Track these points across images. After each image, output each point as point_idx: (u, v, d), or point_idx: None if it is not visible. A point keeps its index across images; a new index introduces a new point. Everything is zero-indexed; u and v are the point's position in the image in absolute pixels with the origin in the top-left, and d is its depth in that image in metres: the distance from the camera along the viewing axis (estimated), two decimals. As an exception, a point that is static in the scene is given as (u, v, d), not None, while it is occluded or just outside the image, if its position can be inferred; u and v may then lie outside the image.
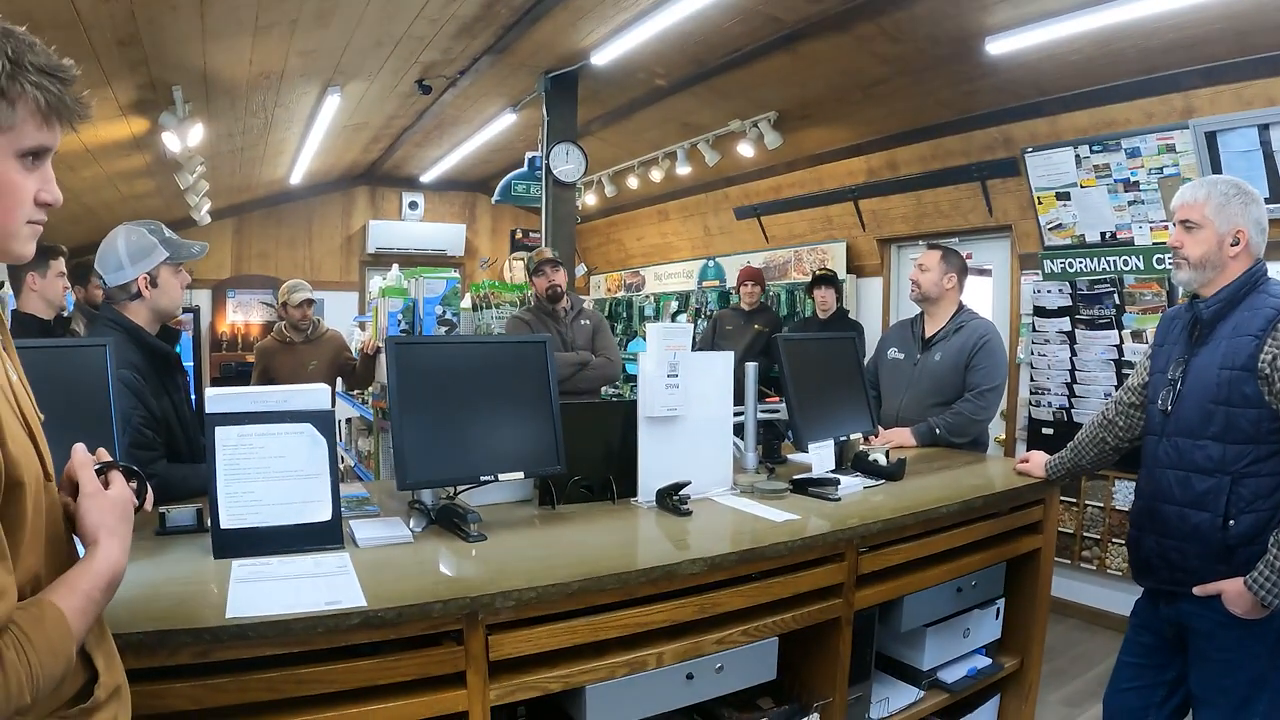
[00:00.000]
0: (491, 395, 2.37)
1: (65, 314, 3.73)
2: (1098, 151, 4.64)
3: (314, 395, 2.19)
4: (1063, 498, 5.00)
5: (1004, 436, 5.54)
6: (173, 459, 2.57)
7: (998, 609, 3.01)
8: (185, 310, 9.22)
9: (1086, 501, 4.92)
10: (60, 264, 3.62)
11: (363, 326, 6.98)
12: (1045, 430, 5.08)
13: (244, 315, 9.42)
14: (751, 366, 3.04)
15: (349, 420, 6.79)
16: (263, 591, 1.75)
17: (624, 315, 10.12)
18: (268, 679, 1.63)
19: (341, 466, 6.97)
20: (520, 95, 6.41)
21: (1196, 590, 2.30)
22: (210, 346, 9.38)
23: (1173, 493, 2.38)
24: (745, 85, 5.77)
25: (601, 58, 5.28)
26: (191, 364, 9.21)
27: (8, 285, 4.04)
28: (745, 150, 6.59)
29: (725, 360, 2.85)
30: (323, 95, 5.77)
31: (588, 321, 4.78)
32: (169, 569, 1.90)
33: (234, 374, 8.82)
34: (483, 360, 2.44)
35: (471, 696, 1.78)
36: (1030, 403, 5.23)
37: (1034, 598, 3.06)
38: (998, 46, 4.32)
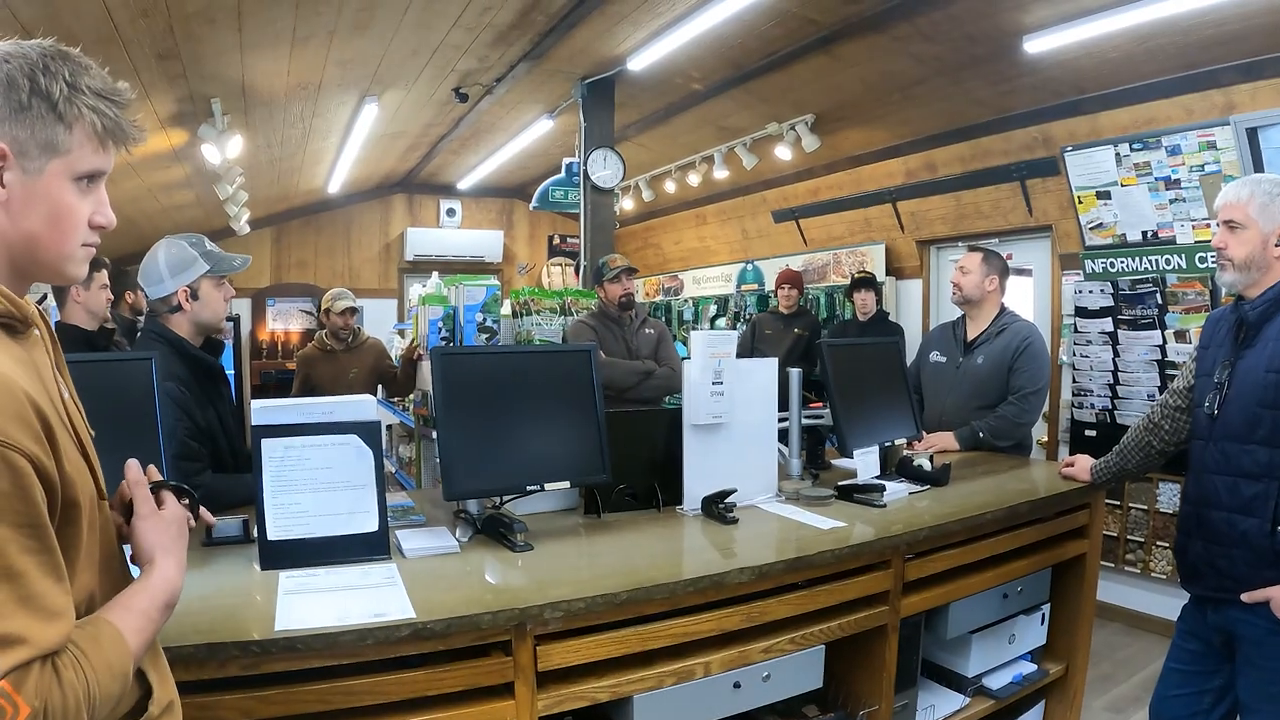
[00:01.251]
0: (536, 404, 2.37)
1: (109, 325, 3.77)
2: (1138, 149, 4.55)
3: (359, 406, 2.20)
4: (1106, 501, 4.90)
5: (1046, 439, 5.45)
6: (218, 469, 2.59)
7: (1043, 614, 2.97)
8: (225, 319, 9.32)
9: (1130, 504, 4.82)
10: (103, 276, 3.67)
11: (402, 335, 7.03)
12: (1088, 432, 4.99)
13: (284, 323, 9.53)
14: (795, 372, 3.01)
15: (389, 427, 6.83)
16: (311, 603, 1.76)
17: (663, 319, 10.11)
18: (318, 690, 1.63)
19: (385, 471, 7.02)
20: (557, 102, 6.42)
21: (1244, 597, 2.24)
22: (250, 354, 9.50)
23: (1220, 498, 2.33)
24: (782, 88, 5.74)
25: (638, 63, 5.28)
26: (232, 372, 9.34)
27: (51, 297, 4.10)
28: (783, 153, 6.55)
29: (769, 366, 2.83)
30: (360, 104, 5.82)
31: (652, 330, 4.75)
32: (217, 581, 1.92)
33: (274, 382, 8.94)
34: (527, 369, 2.44)
35: (520, 707, 1.77)
36: (1073, 404, 5.14)
37: (1079, 603, 3.02)
38: (1036, 45, 4.26)
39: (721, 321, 8.95)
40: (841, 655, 2.41)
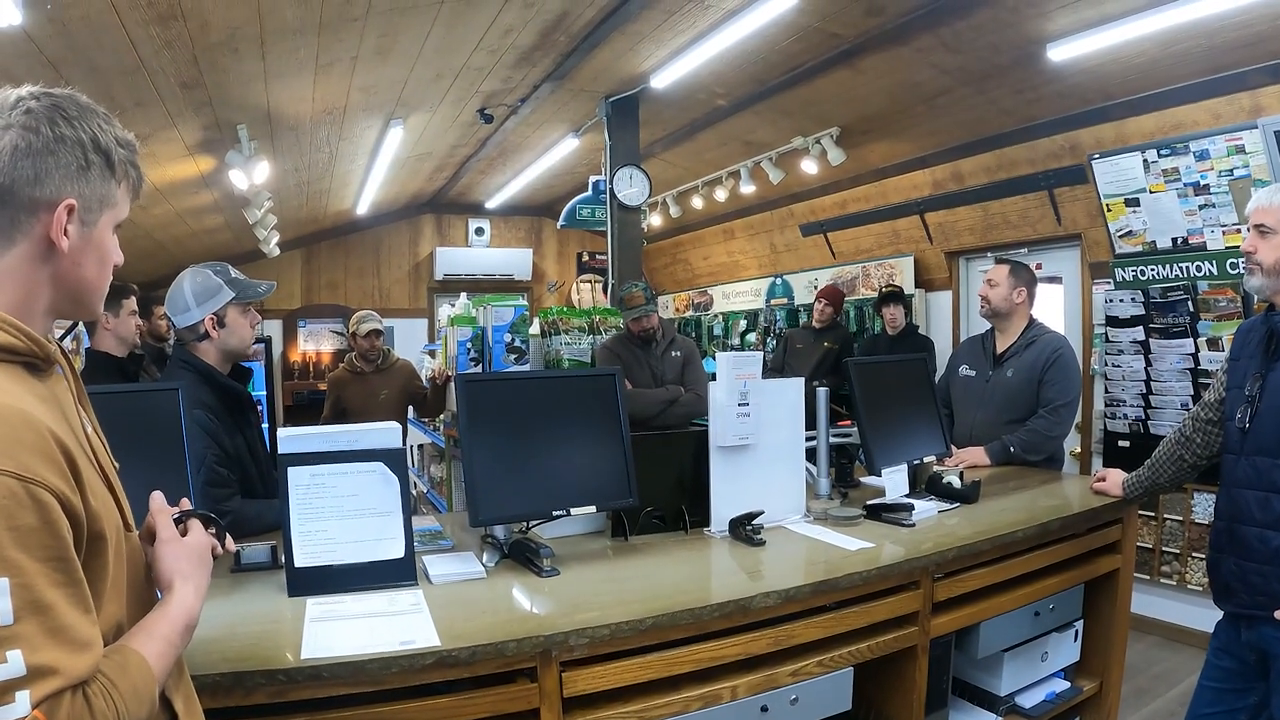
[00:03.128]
0: (562, 429, 2.37)
1: (138, 351, 3.84)
2: (1165, 155, 4.49)
3: (385, 434, 2.21)
4: (1140, 512, 4.83)
5: (1079, 450, 5.37)
6: (247, 494, 2.61)
7: (1076, 631, 2.93)
8: (257, 341, 9.46)
9: (1165, 515, 4.74)
10: (132, 303, 3.73)
11: (432, 355, 7.06)
12: (1121, 443, 4.91)
13: (315, 344, 9.62)
14: (823, 391, 2.99)
15: (420, 447, 6.87)
16: (337, 631, 1.77)
17: (692, 334, 10.11)
18: (343, 717, 1.64)
19: (415, 494, 7.07)
20: (582, 120, 6.46)
21: (1278, 614, 2.21)
22: (282, 375, 9.60)
23: (1252, 514, 2.28)
24: (806, 102, 5.74)
25: (661, 81, 5.29)
26: (264, 393, 9.44)
27: (81, 324, 4.17)
28: (809, 167, 6.54)
29: (796, 386, 2.81)
30: (385, 128, 5.88)
31: (679, 353, 4.74)
32: (245, 607, 1.94)
33: (306, 402, 9.03)
34: (552, 394, 2.44)
35: (545, 733, 1.77)
36: (1105, 415, 5.06)
37: (1113, 619, 2.98)
38: (1059, 53, 4.23)
39: (751, 336, 8.94)
40: (871, 676, 2.39)
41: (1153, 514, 4.77)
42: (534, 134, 6.91)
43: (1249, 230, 2.35)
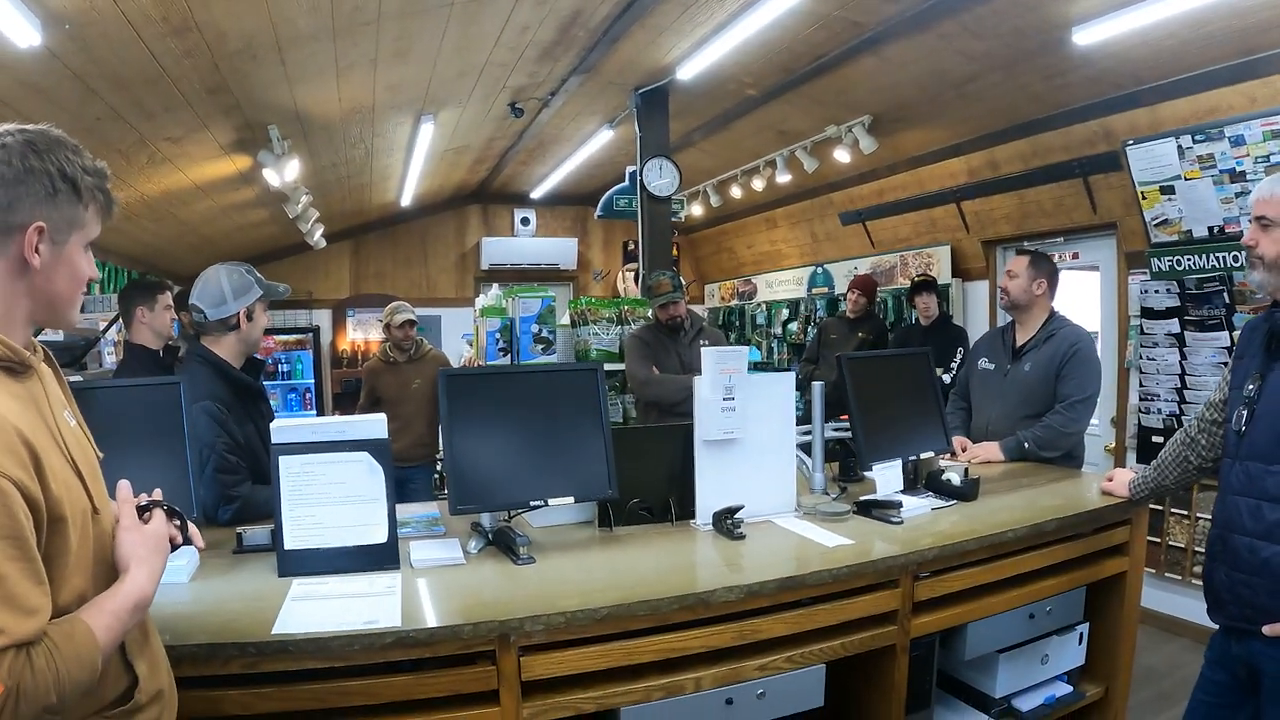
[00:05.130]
0: (543, 422, 2.44)
1: (174, 343, 3.98)
2: (1200, 141, 4.35)
3: (370, 425, 2.30)
4: (1173, 510, 4.74)
5: (1113, 445, 5.27)
6: (259, 481, 2.71)
7: (1080, 634, 2.87)
8: (306, 330, 9.74)
9: (1198, 514, 4.62)
10: (167, 298, 3.87)
11: (471, 343, 7.18)
12: (1155, 439, 4.78)
13: (363, 333, 9.83)
14: (817, 385, 3.00)
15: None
16: (311, 609, 1.88)
17: (737, 324, 10.12)
18: (313, 690, 1.76)
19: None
20: (614, 112, 6.50)
21: (1266, 630, 2.10)
22: (331, 364, 9.85)
23: (1243, 522, 2.18)
24: (836, 90, 5.70)
25: (687, 72, 5.31)
26: (313, 381, 9.71)
27: (121, 319, 4.34)
28: (842, 156, 6.49)
29: (785, 381, 2.83)
30: (417, 124, 5.98)
31: (706, 342, 4.78)
32: (237, 586, 2.06)
33: (354, 389, 9.23)
34: (534, 388, 2.52)
35: (505, 714, 1.86)
36: (1140, 409, 4.95)
37: (1120, 623, 2.89)
38: (1085, 36, 4.12)
39: (793, 325, 8.92)
40: (853, 674, 2.41)
41: (1185, 512, 4.67)
42: (569, 126, 6.97)
43: (1250, 222, 2.26)
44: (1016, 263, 3.70)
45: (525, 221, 10.61)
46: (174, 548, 1.49)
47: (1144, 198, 4.73)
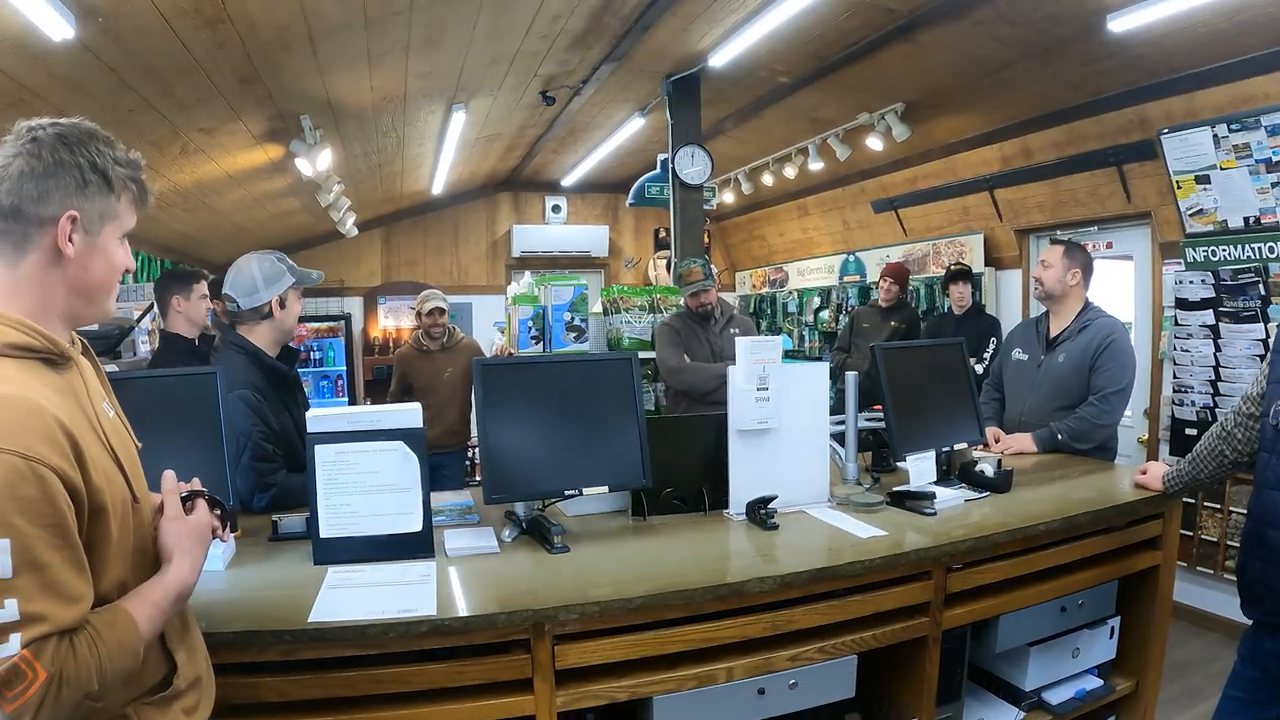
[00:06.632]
0: (577, 411, 2.44)
1: (210, 332, 4.02)
2: (1236, 130, 4.27)
3: (405, 415, 2.32)
4: (1206, 503, 4.67)
5: (1146, 438, 5.20)
6: (294, 469, 2.74)
7: (1112, 628, 2.84)
8: (338, 317, 9.81)
9: (1231, 508, 4.55)
10: (203, 287, 3.91)
11: (502, 331, 7.21)
12: (1189, 431, 4.72)
13: (394, 320, 9.90)
14: (851, 375, 2.99)
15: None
16: (347, 598, 1.89)
17: (768, 312, 10.08)
18: (347, 677, 1.78)
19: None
20: (646, 99, 6.47)
21: None
22: (363, 351, 9.93)
23: (1278, 516, 2.17)
24: (869, 78, 5.64)
25: (719, 59, 5.27)
26: (344, 368, 9.79)
27: (156, 309, 4.39)
28: (875, 143, 6.43)
29: (819, 371, 2.82)
30: (449, 112, 5.99)
31: (737, 330, 4.76)
32: (273, 574, 2.09)
33: (385, 377, 9.31)
34: (569, 378, 2.52)
35: (539, 702, 1.87)
36: (1173, 401, 4.88)
37: (1152, 617, 2.86)
38: (1120, 23, 4.05)
39: (825, 314, 8.87)
40: (884, 665, 2.40)
41: (1219, 506, 4.60)
42: (600, 114, 6.95)
43: None
44: (1051, 252, 3.66)
45: (556, 209, 10.62)
46: (216, 538, 1.52)
47: (1179, 187, 4.66)
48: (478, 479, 5.91)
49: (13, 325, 1.24)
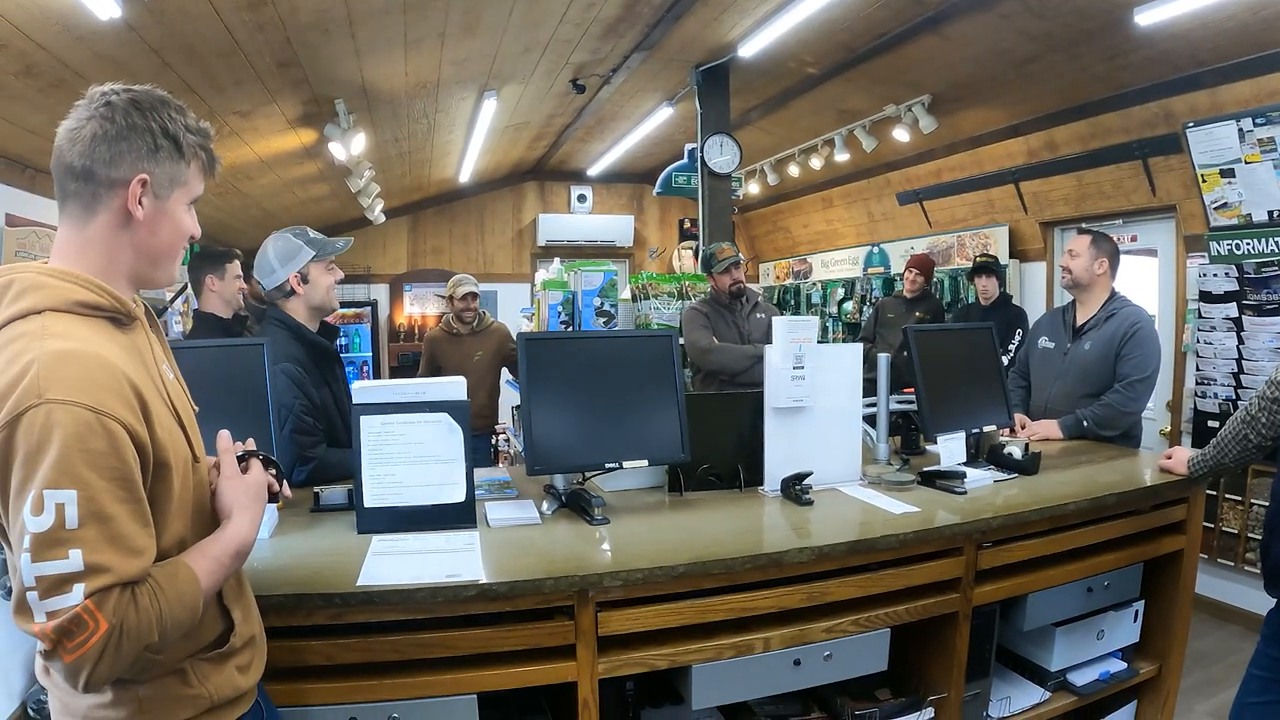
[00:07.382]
0: (619, 387, 2.48)
1: (243, 312, 4.07)
2: (1261, 124, 4.26)
3: (450, 387, 2.37)
4: (1227, 495, 4.67)
5: (1169, 428, 5.20)
6: (332, 444, 2.80)
7: (1136, 611, 2.87)
8: (364, 304, 9.89)
9: (1253, 500, 4.55)
10: (236, 267, 3.95)
11: (530, 318, 7.25)
12: (1211, 423, 4.73)
13: (420, 308, 9.98)
14: (884, 357, 3.02)
15: (515, 408, 7.09)
16: (393, 564, 1.94)
17: (792, 303, 10.09)
18: (393, 641, 1.82)
19: (510, 451, 7.32)
20: (675, 89, 6.50)
21: None
22: (389, 337, 10.01)
23: None
24: (896, 69, 5.66)
25: (749, 49, 5.30)
26: (370, 354, 9.87)
27: (190, 288, 4.45)
28: (901, 135, 6.45)
29: (854, 352, 2.85)
30: (480, 99, 6.04)
31: (764, 315, 4.81)
32: (316, 542, 2.14)
33: (411, 363, 9.41)
34: (610, 354, 2.56)
35: (581, 668, 1.91)
36: (1196, 394, 4.89)
37: (1175, 601, 2.88)
38: (1146, 17, 4.06)
39: (849, 305, 8.88)
40: (914, 640, 2.44)
41: (1239, 497, 4.61)
42: (628, 103, 6.99)
43: None
44: (1078, 242, 3.68)
45: (582, 199, 10.68)
46: (272, 497, 1.56)
47: (1204, 180, 4.66)
48: (501, 465, 5.96)
49: (82, 284, 1.27)
